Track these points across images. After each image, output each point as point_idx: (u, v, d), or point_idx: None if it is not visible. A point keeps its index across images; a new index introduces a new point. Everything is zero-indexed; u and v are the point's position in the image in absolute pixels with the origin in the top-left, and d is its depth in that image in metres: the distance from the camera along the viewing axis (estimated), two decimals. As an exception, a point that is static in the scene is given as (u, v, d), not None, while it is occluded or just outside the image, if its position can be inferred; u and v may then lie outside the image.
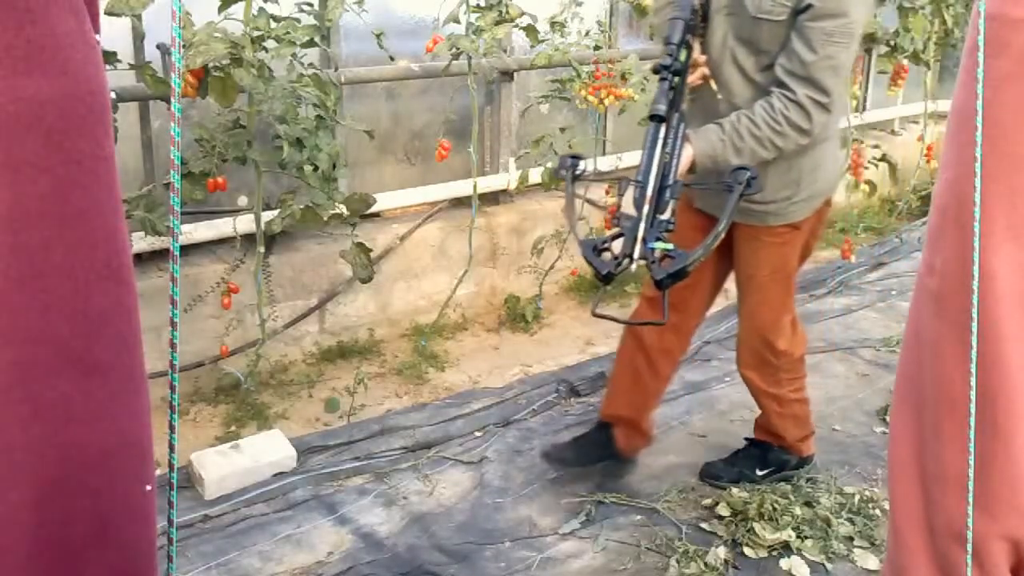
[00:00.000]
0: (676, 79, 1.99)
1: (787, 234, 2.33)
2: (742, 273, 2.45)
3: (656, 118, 1.94)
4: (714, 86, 2.20)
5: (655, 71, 2.01)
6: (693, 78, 2.16)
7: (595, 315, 1.91)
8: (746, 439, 2.75)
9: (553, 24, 3.56)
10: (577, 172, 2.00)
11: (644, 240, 1.83)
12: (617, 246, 1.86)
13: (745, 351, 2.53)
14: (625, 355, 2.59)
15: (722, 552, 2.37)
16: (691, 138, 2.07)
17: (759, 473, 2.67)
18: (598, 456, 2.65)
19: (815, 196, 2.32)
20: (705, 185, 2.13)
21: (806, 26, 2.04)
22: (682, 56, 2.02)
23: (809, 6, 2.03)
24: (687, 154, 2.04)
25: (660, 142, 1.93)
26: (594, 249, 1.87)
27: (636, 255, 1.82)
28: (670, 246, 1.82)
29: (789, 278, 2.43)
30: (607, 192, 4.04)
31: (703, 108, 2.23)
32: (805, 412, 2.64)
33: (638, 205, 1.88)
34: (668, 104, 1.94)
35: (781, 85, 2.09)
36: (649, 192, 1.88)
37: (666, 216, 1.87)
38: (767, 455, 2.69)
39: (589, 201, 3.95)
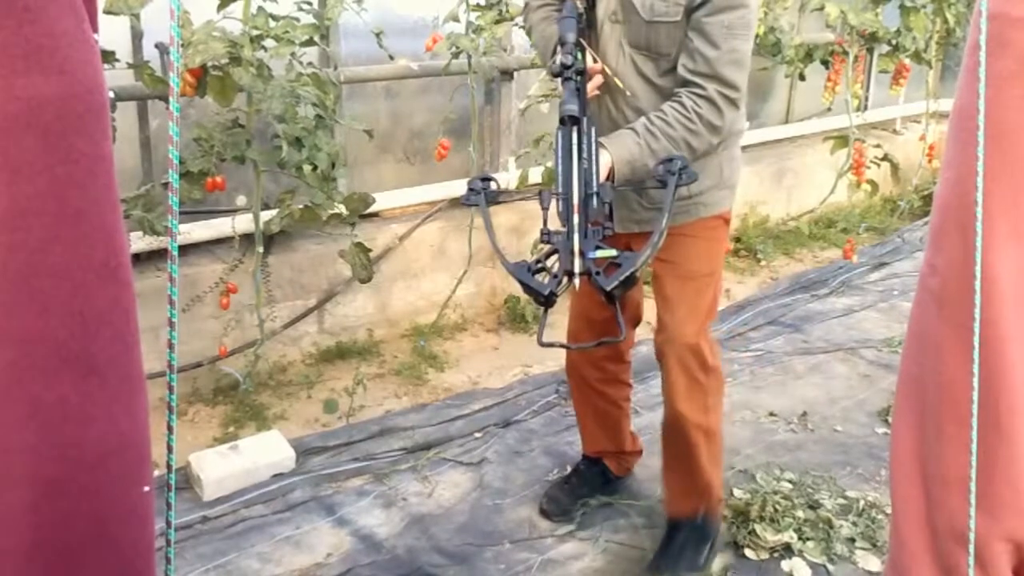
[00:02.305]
0: (580, 78, 1.89)
1: (719, 228, 2.24)
2: (677, 277, 2.21)
3: (569, 119, 1.80)
4: (620, 83, 2.07)
5: (556, 74, 1.89)
6: (592, 87, 2.05)
7: (542, 344, 1.70)
8: (669, 520, 2.39)
9: (553, 23, 3.55)
10: (490, 194, 1.87)
11: (582, 252, 1.67)
12: (554, 264, 1.71)
13: (675, 375, 2.21)
14: (577, 395, 2.54)
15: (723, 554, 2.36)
16: (606, 144, 1.93)
17: (702, 561, 2.32)
18: (595, 489, 2.60)
19: (735, 185, 2.26)
20: (633, 186, 2.00)
21: (704, 22, 1.96)
22: (579, 56, 1.92)
23: (705, 1, 1.95)
24: (605, 162, 1.89)
25: (575, 146, 1.81)
26: (529, 271, 1.71)
27: (577, 269, 1.66)
28: (613, 252, 1.66)
29: (720, 280, 2.31)
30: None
31: (608, 117, 2.13)
32: (721, 452, 2.36)
33: (565, 217, 1.72)
34: (579, 104, 1.83)
35: (687, 85, 2.00)
36: (575, 201, 1.73)
37: (602, 224, 1.73)
38: (705, 529, 2.35)
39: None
